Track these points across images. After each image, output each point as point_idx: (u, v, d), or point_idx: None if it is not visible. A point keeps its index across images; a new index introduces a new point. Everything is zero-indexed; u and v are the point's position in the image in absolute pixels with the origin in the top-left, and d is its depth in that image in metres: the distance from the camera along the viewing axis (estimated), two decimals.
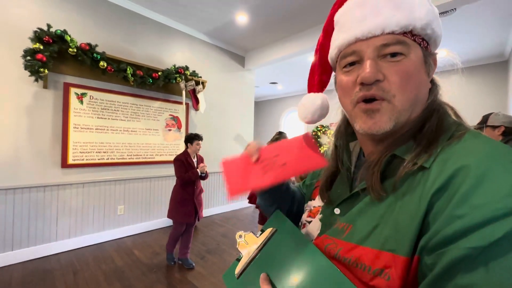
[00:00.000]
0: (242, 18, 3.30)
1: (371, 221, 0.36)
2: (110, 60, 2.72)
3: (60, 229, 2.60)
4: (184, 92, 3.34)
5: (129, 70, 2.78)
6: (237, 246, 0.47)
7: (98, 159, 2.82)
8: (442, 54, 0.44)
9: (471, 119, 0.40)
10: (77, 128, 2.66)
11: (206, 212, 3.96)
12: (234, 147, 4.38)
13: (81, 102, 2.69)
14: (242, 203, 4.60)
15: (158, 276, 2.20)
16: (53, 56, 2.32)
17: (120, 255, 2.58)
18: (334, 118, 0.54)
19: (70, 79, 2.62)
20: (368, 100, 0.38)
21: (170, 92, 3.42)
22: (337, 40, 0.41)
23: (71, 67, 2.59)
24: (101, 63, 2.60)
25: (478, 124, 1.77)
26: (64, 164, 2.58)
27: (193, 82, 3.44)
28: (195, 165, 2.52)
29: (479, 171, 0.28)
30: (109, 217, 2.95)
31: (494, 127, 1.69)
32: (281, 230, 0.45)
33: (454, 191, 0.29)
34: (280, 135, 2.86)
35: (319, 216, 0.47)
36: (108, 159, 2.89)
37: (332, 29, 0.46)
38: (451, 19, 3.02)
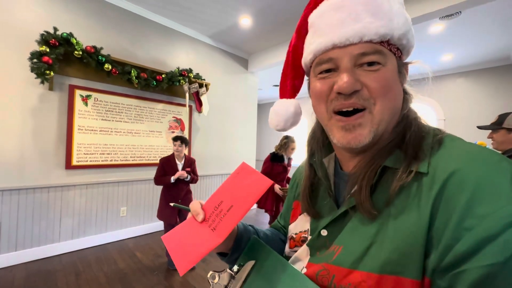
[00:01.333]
0: (246, 21, 3.32)
1: (364, 240, 0.33)
2: (115, 63, 2.74)
3: (63, 230, 2.61)
4: (187, 95, 3.36)
5: (134, 73, 2.81)
6: None
7: (102, 161, 2.84)
8: (446, 59, 0.42)
9: (477, 121, 0.40)
10: (82, 129, 2.69)
11: None
12: (236, 149, 4.38)
13: (86, 104, 2.72)
14: None
15: (160, 279, 2.20)
16: (59, 59, 2.35)
17: (122, 257, 2.58)
18: (308, 124, 0.52)
19: (75, 81, 2.65)
20: (345, 112, 0.37)
21: (173, 94, 3.44)
22: (313, 45, 0.39)
23: (76, 70, 2.62)
24: (106, 65, 2.62)
25: (493, 124, 1.64)
26: (68, 165, 2.60)
27: (197, 85, 3.45)
28: (179, 168, 2.47)
29: (472, 176, 0.28)
30: (112, 218, 2.95)
31: (510, 130, 1.55)
32: (261, 260, 0.39)
33: (454, 201, 0.28)
34: (287, 139, 2.81)
35: (306, 241, 0.44)
36: (111, 160, 2.91)
37: (306, 30, 0.43)
38: (457, 23, 3.00)
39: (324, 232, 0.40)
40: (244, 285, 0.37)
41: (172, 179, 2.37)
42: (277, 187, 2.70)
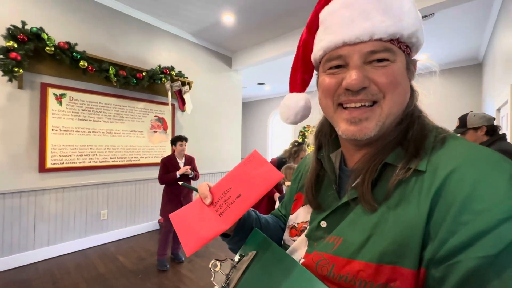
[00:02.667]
0: (228, 18, 3.29)
1: (363, 232, 0.34)
2: (91, 60, 2.62)
3: (38, 237, 2.47)
4: (169, 93, 3.28)
5: (112, 70, 2.70)
6: (212, 279, 0.39)
7: (79, 163, 2.71)
8: (421, 58, 0.45)
9: (449, 119, 0.42)
10: (56, 130, 2.54)
11: None
12: (222, 148, 4.35)
13: (60, 103, 2.57)
14: None
15: (144, 282, 2.14)
16: (28, 55, 2.21)
17: (103, 261, 2.49)
18: (315, 118, 0.53)
19: (47, 79, 2.50)
20: (352, 106, 0.37)
21: (155, 93, 3.34)
22: (323, 41, 0.40)
23: (48, 67, 2.47)
24: (81, 62, 2.50)
25: (458, 127, 1.75)
26: (42, 168, 2.45)
27: (179, 83, 3.38)
28: (181, 166, 2.53)
29: (472, 174, 0.29)
30: (92, 222, 2.83)
31: (476, 129, 1.68)
32: (262, 252, 0.40)
33: (453, 197, 0.29)
34: (298, 148, 2.58)
35: (305, 231, 0.44)
36: (90, 162, 2.78)
37: (316, 26, 0.44)
38: (429, 24, 3.15)
39: (323, 224, 0.41)
40: (244, 275, 0.38)
41: (178, 174, 2.43)
42: (278, 196, 2.61)
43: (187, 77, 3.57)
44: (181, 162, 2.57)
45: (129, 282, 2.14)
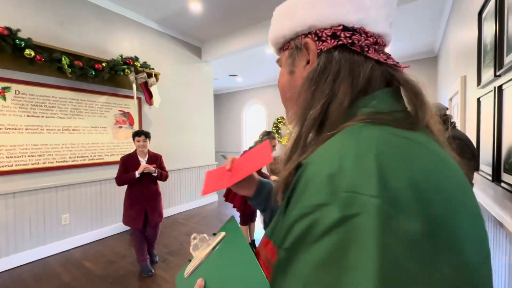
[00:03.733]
0: (195, 6, 3.12)
1: (278, 214, 0.35)
2: (39, 48, 2.33)
3: None
4: (134, 86, 3.06)
5: (65, 60, 2.43)
6: (190, 249, 0.48)
7: (32, 164, 2.44)
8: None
9: None
10: (0, 129, 2.25)
11: (166, 212, 3.76)
12: (194, 142, 4.23)
13: (4, 98, 2.27)
14: (205, 199, 4.49)
15: (114, 287, 2.03)
16: None
17: (67, 269, 2.31)
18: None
19: None
20: None
21: (118, 85, 3.10)
22: None
23: None
24: (27, 51, 2.21)
25: None
26: None
27: (145, 74, 3.17)
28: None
29: (313, 169, 0.28)
30: (52, 228, 2.59)
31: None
32: (230, 235, 0.45)
33: (297, 193, 0.29)
34: (268, 136, 2.56)
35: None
36: (45, 163, 2.52)
37: None
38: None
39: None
40: (213, 251, 0.45)
41: (137, 173, 2.18)
42: None
43: (153, 68, 3.37)
44: (143, 160, 2.31)
45: None
